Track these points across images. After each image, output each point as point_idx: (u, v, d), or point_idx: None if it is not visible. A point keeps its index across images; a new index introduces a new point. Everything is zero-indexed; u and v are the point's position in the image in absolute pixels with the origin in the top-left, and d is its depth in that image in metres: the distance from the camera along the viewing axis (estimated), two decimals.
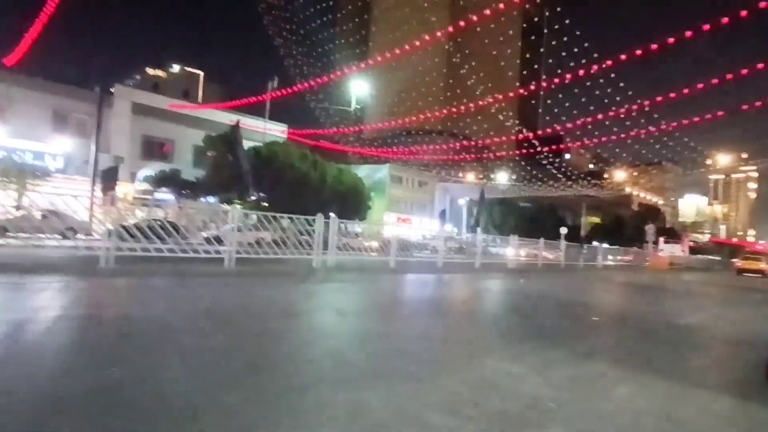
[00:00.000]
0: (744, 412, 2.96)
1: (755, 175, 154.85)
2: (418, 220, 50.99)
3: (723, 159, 30.86)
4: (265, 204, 30.04)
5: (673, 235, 63.52)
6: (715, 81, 21.65)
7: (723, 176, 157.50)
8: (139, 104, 32.29)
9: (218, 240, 10.51)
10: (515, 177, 53.84)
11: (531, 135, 51.92)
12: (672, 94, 20.99)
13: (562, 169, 58.44)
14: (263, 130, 32.79)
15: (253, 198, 31.74)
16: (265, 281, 8.69)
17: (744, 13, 14.64)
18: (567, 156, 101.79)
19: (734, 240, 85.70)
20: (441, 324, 5.56)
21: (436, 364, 3.59)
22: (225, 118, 34.13)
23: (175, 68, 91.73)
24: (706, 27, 15.11)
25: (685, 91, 22.29)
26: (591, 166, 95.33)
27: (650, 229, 29.61)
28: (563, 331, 5.44)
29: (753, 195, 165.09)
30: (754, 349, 4.90)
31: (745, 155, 30.86)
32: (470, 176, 55.10)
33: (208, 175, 29.77)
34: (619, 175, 55.39)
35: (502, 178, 54.27)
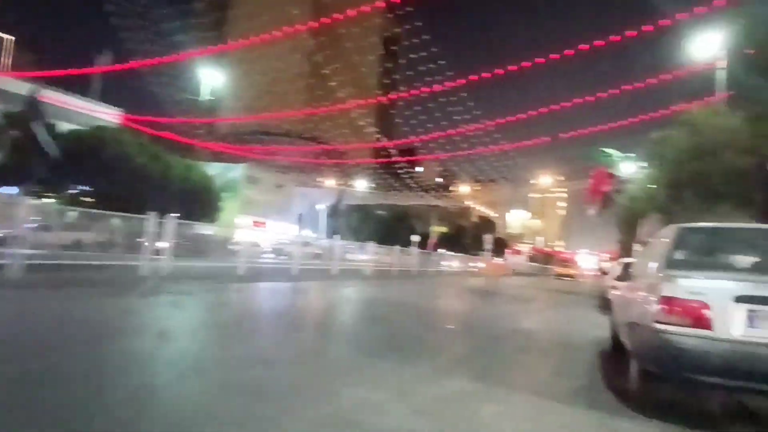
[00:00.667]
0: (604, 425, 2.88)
1: (565, 195, 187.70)
2: (274, 225, 48.94)
3: (543, 180, 36.40)
4: (89, 199, 25.42)
5: (503, 245, 72.75)
6: (543, 110, 25.17)
7: (540, 195, 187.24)
8: None
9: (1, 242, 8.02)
10: (373, 185, 55.53)
11: (389, 144, 54.31)
12: (509, 118, 23.54)
13: (415, 180, 62.45)
14: (90, 111, 27.78)
15: (73, 192, 26.59)
16: (59, 294, 6.65)
17: (585, 47, 16.91)
18: (419, 168, 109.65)
19: (549, 249, 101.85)
20: (290, 343, 4.80)
21: (281, 400, 2.83)
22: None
23: None
24: (555, 56, 17.11)
25: (520, 116, 25.30)
26: (440, 179, 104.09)
27: (488, 238, 33.01)
28: (421, 343, 5.16)
29: (563, 212, 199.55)
30: (586, 351, 5.30)
31: (561, 177, 37.10)
32: (329, 182, 55.08)
33: (6, 159, 23.93)
34: (463, 189, 61.17)
35: (361, 185, 55.49)
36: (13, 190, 24.20)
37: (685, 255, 3.48)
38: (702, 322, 2.84)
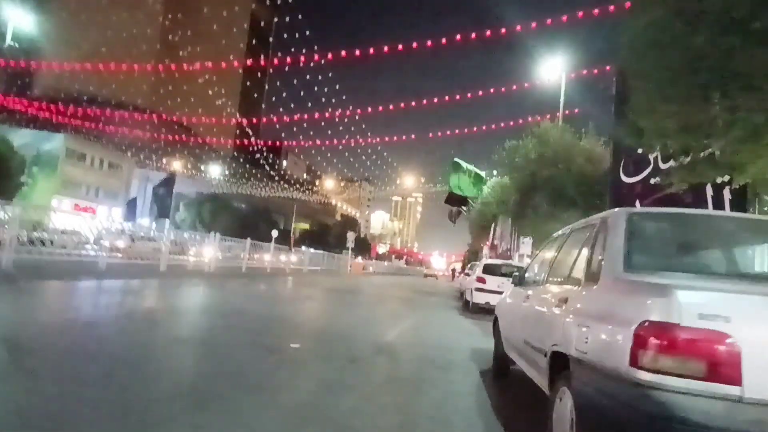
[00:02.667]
0: None
1: (421, 200, 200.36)
2: (106, 211, 41.33)
3: (407, 180, 36.98)
4: None
5: (365, 244, 73.75)
6: (413, 103, 24.93)
7: (401, 198, 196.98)
8: None
9: None
10: (232, 174, 50.78)
11: (247, 125, 50.22)
12: (374, 108, 22.70)
13: (278, 173, 59.19)
14: None
15: None
16: None
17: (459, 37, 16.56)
18: (284, 162, 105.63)
19: (406, 250, 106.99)
20: (50, 389, 2.53)
21: None
22: None
23: None
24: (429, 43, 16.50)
25: (388, 107, 24.64)
26: (306, 176, 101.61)
27: (351, 236, 32.04)
28: (245, 382, 3.29)
29: (419, 216, 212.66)
30: (470, 374, 4.04)
31: (422, 179, 38.11)
32: (177, 165, 48.73)
33: None
34: (328, 185, 59.95)
35: (215, 171, 50.29)
36: None
37: (654, 253, 2.34)
38: (725, 372, 1.61)
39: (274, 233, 37.27)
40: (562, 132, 17.24)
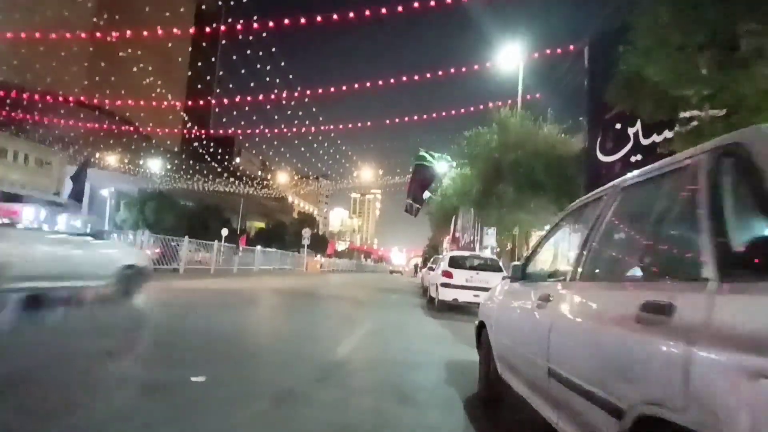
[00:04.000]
0: None
1: (380, 196, 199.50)
2: (33, 212, 37.39)
3: (364, 173, 35.67)
4: None
5: (323, 241, 71.78)
6: (367, 84, 23.48)
7: (360, 195, 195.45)
8: None
9: None
10: (177, 169, 47.53)
11: (192, 119, 47.25)
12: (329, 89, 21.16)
13: (230, 169, 56.20)
14: None
15: None
16: None
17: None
18: (237, 159, 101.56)
19: (365, 247, 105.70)
20: None
21: None
22: None
23: None
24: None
25: (341, 89, 23.00)
26: (260, 172, 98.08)
27: (306, 233, 30.33)
28: None
29: (378, 212, 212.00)
30: (445, 404, 2.79)
31: (380, 170, 36.77)
32: (112, 159, 45.03)
33: None
34: (283, 181, 57.63)
35: (159, 166, 46.95)
36: None
37: None
38: None
39: (224, 231, 35.04)
40: (521, 119, 16.57)
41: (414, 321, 8.36)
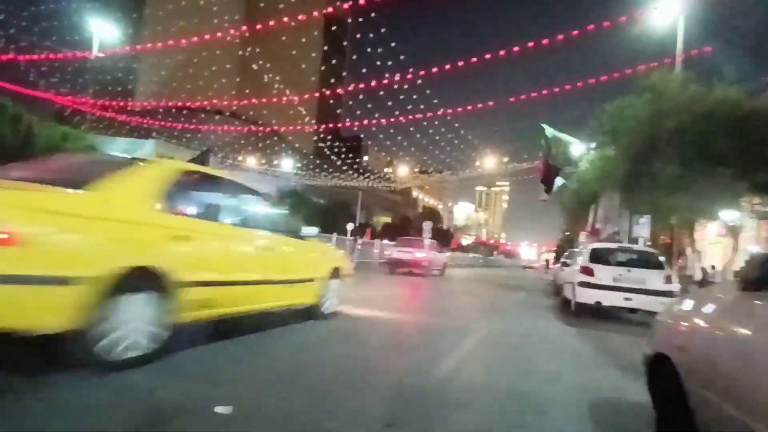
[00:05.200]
0: None
1: (507, 188, 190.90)
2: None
3: (488, 162, 33.44)
4: None
5: (447, 235, 70.68)
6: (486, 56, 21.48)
7: (486, 188, 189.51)
8: None
9: None
10: (311, 169, 50.78)
11: (328, 131, 49.83)
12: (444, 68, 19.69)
13: (359, 169, 58.29)
14: None
15: None
16: None
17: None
18: (365, 158, 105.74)
19: (492, 241, 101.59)
20: None
21: None
22: None
23: None
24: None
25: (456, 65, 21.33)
26: (388, 170, 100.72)
27: (426, 226, 29.42)
28: None
29: (505, 205, 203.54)
30: None
31: (505, 158, 34.17)
32: (251, 160, 49.64)
33: None
34: (407, 177, 57.85)
35: (294, 167, 50.60)
36: None
37: None
38: None
39: (350, 226, 36.09)
40: (682, 83, 13.42)
41: (542, 329, 6.80)
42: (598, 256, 7.95)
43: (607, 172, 17.25)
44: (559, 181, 23.27)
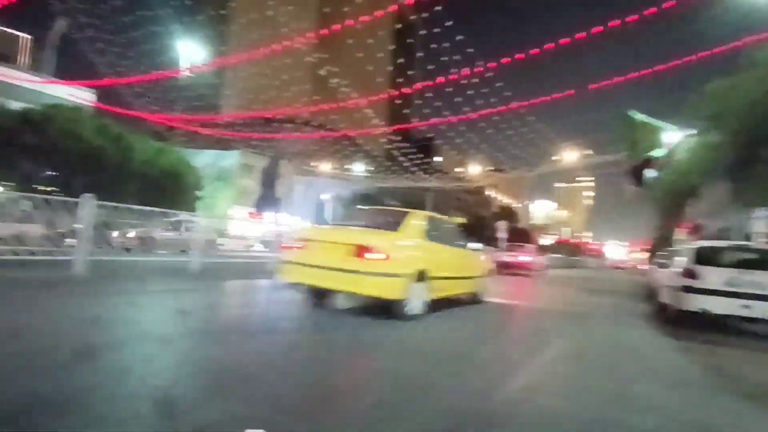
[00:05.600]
0: None
1: (592, 184, 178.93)
2: (272, 216, 45.30)
3: (567, 156, 31.09)
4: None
5: (525, 235, 67.55)
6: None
7: (567, 184, 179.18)
8: None
9: None
10: (383, 171, 51.20)
11: (398, 132, 49.88)
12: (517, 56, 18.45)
13: (430, 169, 57.77)
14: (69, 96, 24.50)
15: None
16: None
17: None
18: (437, 159, 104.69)
19: (575, 240, 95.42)
20: None
21: None
22: None
23: None
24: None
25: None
26: (460, 169, 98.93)
27: (501, 225, 28.20)
28: None
29: (588, 201, 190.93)
30: None
31: (588, 151, 31.43)
32: (324, 166, 50.98)
33: None
34: (480, 175, 56.21)
35: (366, 170, 51.32)
36: None
37: None
38: None
39: None
40: None
41: (634, 342, 5.90)
42: (704, 256, 6.81)
43: (712, 160, 15.31)
44: (650, 173, 21.08)
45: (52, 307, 4.80)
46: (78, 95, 28.72)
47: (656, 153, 18.45)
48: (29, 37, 74.91)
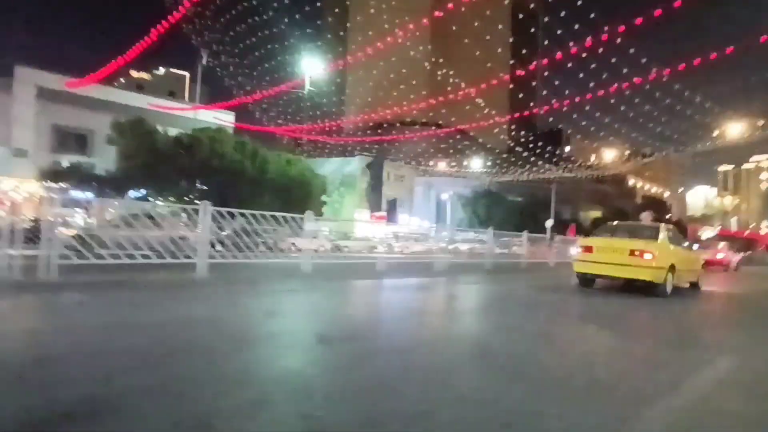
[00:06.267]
0: None
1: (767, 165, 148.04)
2: (401, 218, 46.21)
3: (732, 129, 25.33)
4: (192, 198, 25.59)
5: (680, 228, 58.42)
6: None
7: (733, 167, 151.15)
8: (47, 89, 27.69)
9: None
10: (505, 169, 48.89)
11: (520, 122, 47.22)
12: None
13: (557, 160, 53.43)
14: (192, 111, 28.27)
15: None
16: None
17: None
18: (567, 148, 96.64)
19: (746, 233, 79.67)
20: None
21: None
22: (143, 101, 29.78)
23: (161, 70, 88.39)
24: None
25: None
26: (593, 156, 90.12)
27: (646, 216, 24.37)
28: None
29: (765, 186, 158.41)
30: None
31: (761, 122, 24.94)
32: (441, 165, 50.20)
33: (119, 167, 25.23)
34: (617, 163, 50.18)
35: (486, 169, 49.44)
36: (134, 193, 25.57)
37: None
38: None
39: (548, 223, 32.93)
40: None
41: None
42: None
43: None
44: None
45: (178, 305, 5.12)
46: (221, 118, 32.65)
47: None
48: (186, 74, 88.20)
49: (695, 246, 11.99)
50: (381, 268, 10.89)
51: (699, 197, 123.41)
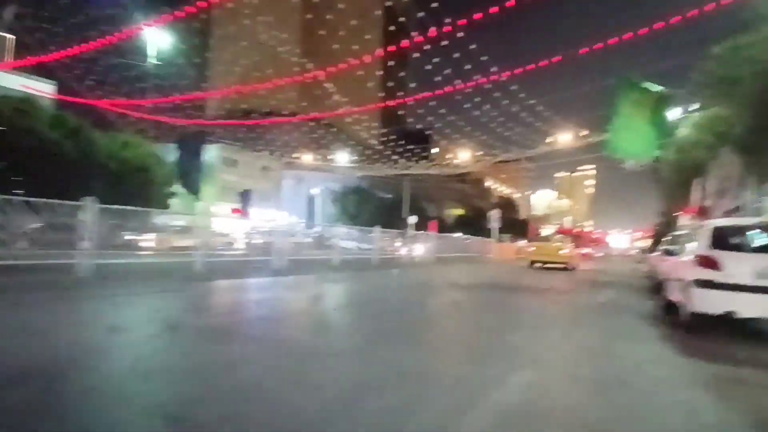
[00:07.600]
0: None
1: (592, 173, 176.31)
2: (259, 212, 43.44)
3: (562, 138, 28.73)
4: None
5: (522, 226, 65.65)
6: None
7: (568, 173, 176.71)
8: None
9: None
10: (373, 165, 49.33)
11: (382, 119, 47.96)
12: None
13: (416, 159, 55.72)
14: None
15: None
16: None
17: None
18: (433, 150, 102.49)
19: (577, 230, 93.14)
20: None
21: None
22: None
23: None
24: None
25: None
26: (451, 156, 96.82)
27: (493, 214, 26.27)
28: None
29: (590, 191, 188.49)
30: None
31: (584, 132, 28.70)
32: (306, 157, 49.16)
33: None
34: (471, 162, 54.13)
35: (352, 163, 49.48)
36: None
37: None
38: None
39: (411, 219, 33.78)
40: None
41: (634, 359, 4.05)
42: (725, 239, 4.99)
43: (721, 133, 13.58)
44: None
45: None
46: (35, 87, 26.84)
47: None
48: (13, 37, 73.02)
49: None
50: (200, 269, 9.21)
51: (542, 199, 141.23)
